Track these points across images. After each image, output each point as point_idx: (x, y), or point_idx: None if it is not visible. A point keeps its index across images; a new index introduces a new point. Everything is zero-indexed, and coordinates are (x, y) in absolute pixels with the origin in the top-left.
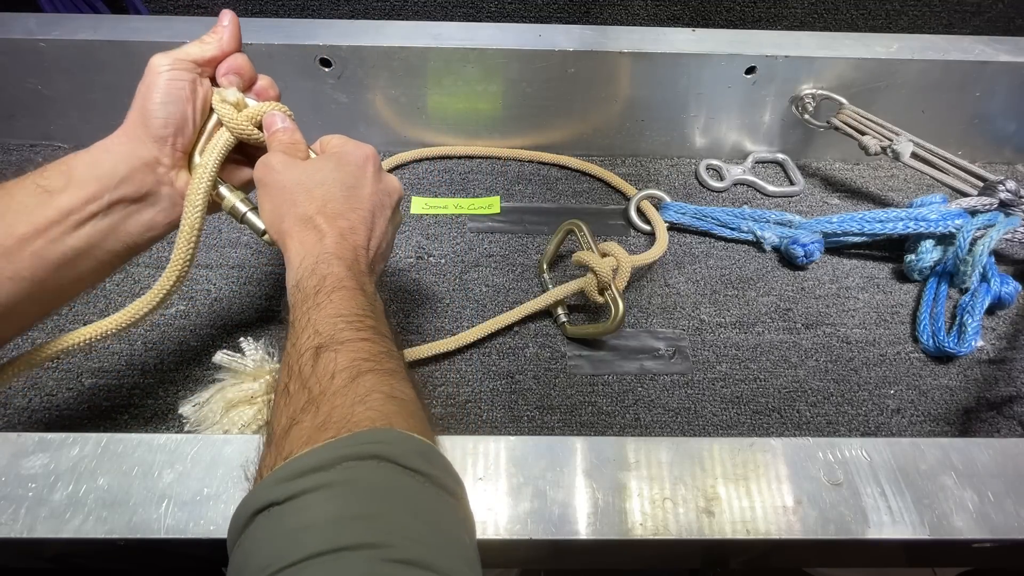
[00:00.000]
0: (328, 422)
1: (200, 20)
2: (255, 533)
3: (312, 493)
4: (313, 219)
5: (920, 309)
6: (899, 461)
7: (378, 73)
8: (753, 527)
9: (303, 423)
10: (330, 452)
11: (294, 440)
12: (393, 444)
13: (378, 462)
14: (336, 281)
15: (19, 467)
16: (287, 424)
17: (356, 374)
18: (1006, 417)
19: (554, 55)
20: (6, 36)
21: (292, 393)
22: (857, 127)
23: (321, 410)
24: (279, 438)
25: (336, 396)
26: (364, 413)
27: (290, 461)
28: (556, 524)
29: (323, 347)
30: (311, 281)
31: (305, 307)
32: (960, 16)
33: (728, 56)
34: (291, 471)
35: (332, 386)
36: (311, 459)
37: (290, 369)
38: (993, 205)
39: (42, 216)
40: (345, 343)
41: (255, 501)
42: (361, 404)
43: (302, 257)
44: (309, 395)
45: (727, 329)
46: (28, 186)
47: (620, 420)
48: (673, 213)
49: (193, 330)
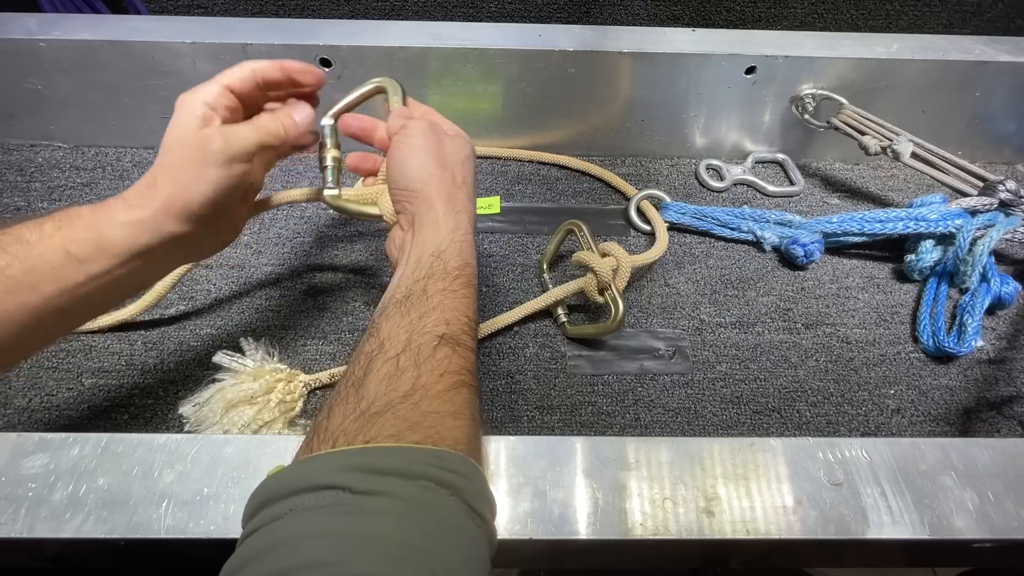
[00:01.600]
0: (421, 424)
1: (200, 20)
2: (319, 512)
3: (388, 499)
4: (459, 192)
5: (920, 309)
6: (899, 461)
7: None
8: (753, 527)
9: (399, 412)
10: (415, 462)
11: (384, 426)
12: (470, 481)
13: (451, 495)
14: (472, 275)
15: (19, 467)
16: (384, 404)
17: (459, 384)
18: (1006, 417)
19: (554, 55)
20: (6, 36)
21: (401, 368)
22: (857, 127)
23: (420, 407)
24: (372, 414)
25: (437, 399)
26: (453, 431)
27: (374, 449)
28: (556, 524)
29: (446, 340)
30: (455, 261)
31: (442, 285)
32: (960, 16)
33: (728, 56)
34: (374, 464)
35: (437, 386)
36: (395, 460)
37: (409, 340)
38: (993, 205)
39: (69, 279)
40: (461, 346)
41: (327, 474)
42: (454, 419)
43: (450, 228)
44: (415, 383)
45: (727, 329)
46: (56, 248)
47: (620, 420)
48: (673, 213)
49: (193, 330)
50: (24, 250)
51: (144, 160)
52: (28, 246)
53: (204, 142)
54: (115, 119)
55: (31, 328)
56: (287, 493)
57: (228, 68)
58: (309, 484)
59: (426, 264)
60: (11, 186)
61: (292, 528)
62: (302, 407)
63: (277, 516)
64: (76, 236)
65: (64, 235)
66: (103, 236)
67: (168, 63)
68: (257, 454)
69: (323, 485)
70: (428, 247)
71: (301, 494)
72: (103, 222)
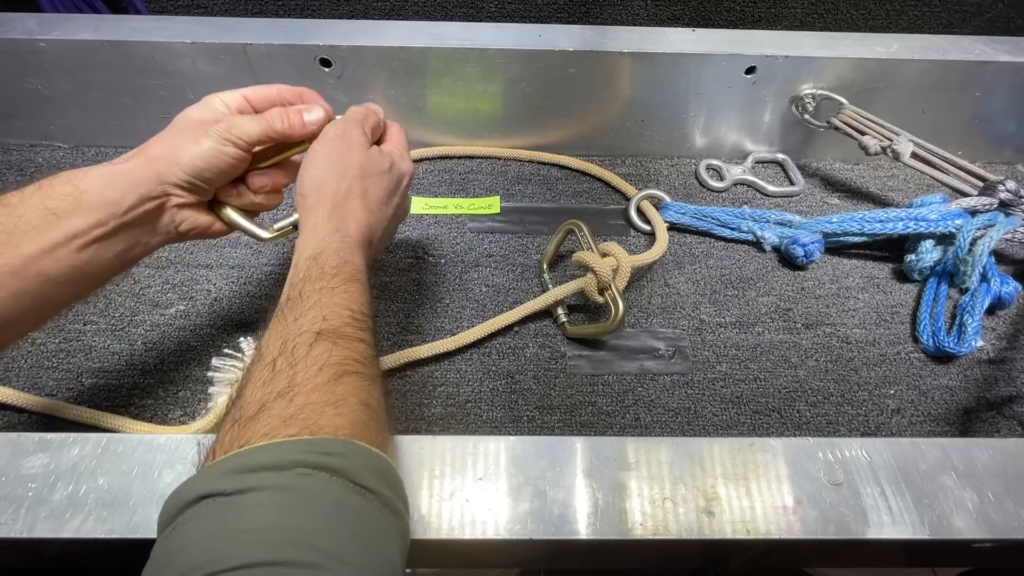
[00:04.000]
0: (296, 417)
1: (200, 20)
2: (193, 523)
3: (260, 492)
4: (354, 202)
5: (920, 309)
6: (899, 461)
7: (378, 73)
8: (753, 527)
9: (272, 411)
10: (287, 452)
11: (257, 428)
12: (350, 458)
13: (331, 475)
14: (355, 271)
15: (19, 467)
16: (257, 407)
17: (341, 373)
18: (1006, 417)
19: (554, 55)
20: (6, 36)
21: (277, 371)
22: (857, 127)
23: (295, 402)
24: (246, 419)
25: (315, 392)
26: (333, 419)
27: (245, 451)
28: (556, 524)
29: (323, 335)
30: (332, 260)
31: (319, 284)
32: (960, 16)
33: (728, 56)
34: (244, 463)
35: (315, 380)
36: (266, 455)
37: (284, 344)
38: (993, 205)
39: (48, 238)
40: (344, 338)
41: (201, 485)
42: (333, 408)
43: (330, 231)
44: (291, 381)
45: (727, 329)
46: (36, 206)
47: (620, 420)
48: (673, 213)
49: (193, 330)
50: (5, 212)
51: None
52: (10, 208)
53: (208, 120)
54: (115, 119)
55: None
56: (173, 511)
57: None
58: (186, 499)
59: (303, 267)
60: (11, 186)
61: (172, 543)
62: None
63: (165, 536)
64: (54, 192)
65: (44, 192)
66: (79, 189)
67: (168, 63)
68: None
69: (198, 496)
70: (306, 251)
71: (182, 511)
72: (80, 177)
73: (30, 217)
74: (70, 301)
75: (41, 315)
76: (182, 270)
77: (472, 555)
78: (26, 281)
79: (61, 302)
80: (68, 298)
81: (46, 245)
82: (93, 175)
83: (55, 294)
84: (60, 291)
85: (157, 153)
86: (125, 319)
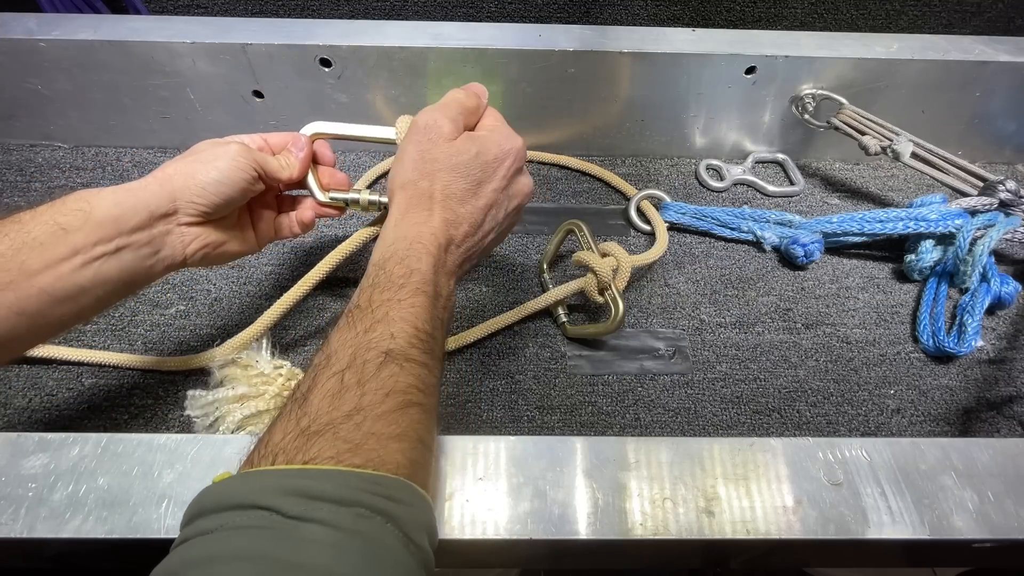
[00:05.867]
0: (362, 447)
1: (200, 20)
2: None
3: (319, 527)
4: (432, 198)
5: (920, 309)
6: (899, 461)
7: (378, 73)
8: (753, 527)
9: (340, 432)
10: (351, 487)
11: (324, 447)
12: (405, 506)
13: (386, 522)
14: (421, 282)
15: (19, 467)
16: (325, 423)
17: (406, 404)
18: (1006, 417)
19: (554, 55)
20: (6, 36)
21: (345, 385)
22: (857, 127)
23: (362, 428)
24: (312, 433)
25: (380, 420)
26: (395, 455)
27: (312, 473)
28: (556, 524)
29: (392, 356)
30: (399, 269)
31: (386, 295)
32: (960, 16)
33: (728, 56)
34: (309, 488)
35: (382, 406)
36: (332, 485)
37: (353, 357)
38: (993, 205)
39: (54, 254)
40: (410, 362)
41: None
42: (396, 442)
43: (401, 232)
44: (359, 402)
45: (727, 329)
46: (46, 222)
47: (620, 420)
48: (673, 213)
49: (193, 330)
50: (16, 228)
51: (144, 160)
52: (20, 224)
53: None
54: (115, 119)
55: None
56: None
57: None
58: (242, 501)
59: (371, 274)
60: (11, 186)
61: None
62: None
63: (207, 530)
64: (66, 208)
65: (55, 209)
66: (91, 205)
67: (168, 63)
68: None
69: (255, 504)
70: (375, 255)
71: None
72: (94, 194)
73: (38, 233)
74: (69, 323)
75: (39, 335)
76: (182, 270)
77: (472, 555)
78: (28, 299)
79: (60, 323)
80: (68, 319)
81: (50, 261)
82: (106, 193)
83: (55, 314)
84: (60, 310)
85: (172, 171)
86: (125, 319)
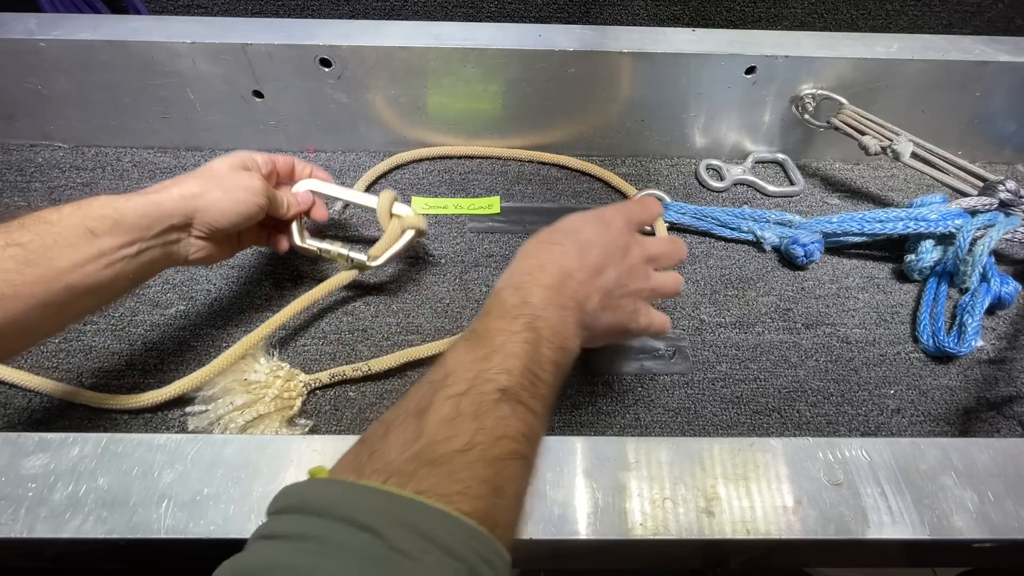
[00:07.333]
0: (472, 492)
1: (200, 20)
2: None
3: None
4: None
5: (920, 309)
6: (899, 461)
7: (378, 73)
8: (753, 527)
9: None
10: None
11: (438, 481)
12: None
13: None
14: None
15: (19, 467)
16: (441, 454)
17: (513, 454)
18: (1006, 417)
19: (554, 55)
20: (6, 36)
21: (461, 413)
22: (857, 127)
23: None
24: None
25: (490, 466)
26: (502, 513)
27: (426, 508)
28: (556, 524)
29: (507, 395)
30: (513, 298)
31: (502, 323)
32: (960, 16)
33: (728, 56)
34: (422, 526)
35: (493, 450)
36: (444, 531)
37: (472, 384)
38: (993, 205)
39: (82, 254)
40: (522, 405)
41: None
42: (498, 497)
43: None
44: (472, 438)
45: (727, 329)
46: (76, 224)
47: (620, 420)
48: (673, 213)
49: (193, 330)
50: (46, 228)
51: (144, 160)
52: (49, 225)
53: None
54: (115, 119)
55: (43, 304)
56: (326, 514)
57: None
58: (350, 516)
59: (489, 299)
60: (11, 186)
61: (317, 560)
62: (300, 406)
63: (305, 535)
64: (94, 213)
65: (84, 213)
66: (120, 212)
67: (168, 63)
68: (257, 454)
69: (364, 525)
70: (497, 283)
71: (339, 522)
72: (122, 202)
73: (69, 234)
74: (86, 313)
75: (59, 324)
76: (182, 270)
77: None
78: (54, 293)
79: (79, 313)
80: (87, 310)
81: (78, 260)
82: (134, 202)
83: (77, 306)
84: (81, 303)
85: (197, 191)
86: (125, 319)
